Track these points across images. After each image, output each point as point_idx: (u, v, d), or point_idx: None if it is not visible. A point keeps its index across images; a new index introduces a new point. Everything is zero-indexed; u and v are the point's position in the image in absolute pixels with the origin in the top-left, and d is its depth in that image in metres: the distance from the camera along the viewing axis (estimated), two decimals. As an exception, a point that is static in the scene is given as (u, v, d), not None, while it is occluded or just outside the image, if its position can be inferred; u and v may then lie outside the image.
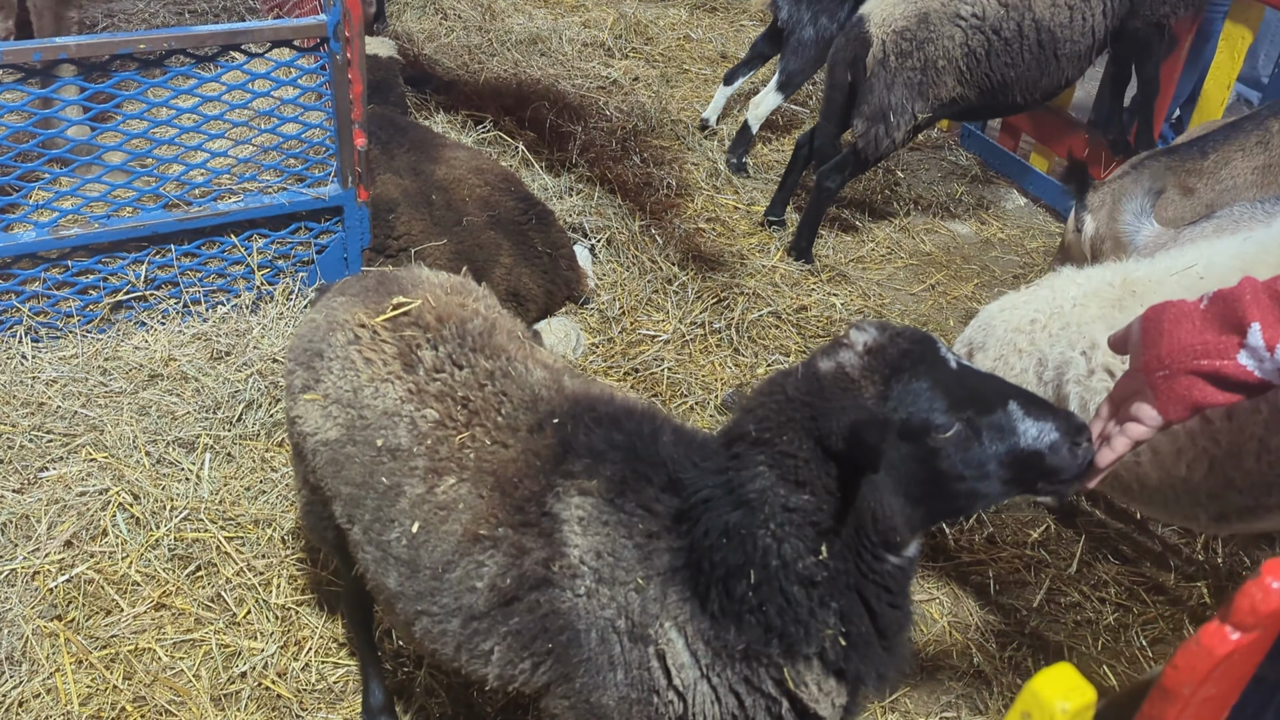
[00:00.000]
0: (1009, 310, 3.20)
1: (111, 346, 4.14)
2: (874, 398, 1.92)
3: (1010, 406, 1.96)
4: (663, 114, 7.05)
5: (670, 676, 2.07)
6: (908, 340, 1.98)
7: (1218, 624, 1.18)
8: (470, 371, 2.47)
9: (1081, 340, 2.90)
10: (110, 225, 4.04)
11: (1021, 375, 3.06)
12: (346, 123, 4.26)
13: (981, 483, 1.96)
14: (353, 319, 2.64)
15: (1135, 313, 2.82)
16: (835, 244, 6.01)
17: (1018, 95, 5.04)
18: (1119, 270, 3.04)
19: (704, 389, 4.72)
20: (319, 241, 4.51)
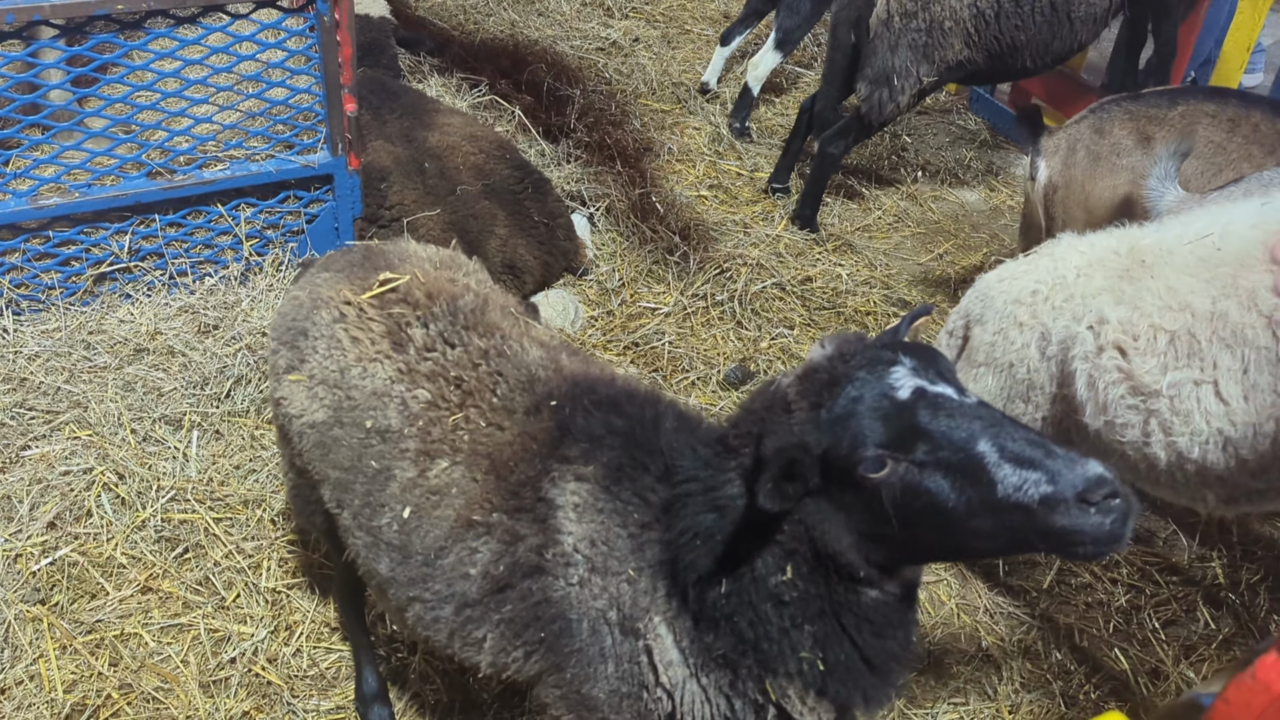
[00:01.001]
0: (1008, 280, 3.06)
1: (95, 320, 4.02)
2: (800, 423, 1.76)
3: (980, 448, 1.67)
4: (663, 76, 6.88)
5: (658, 673, 1.98)
6: (851, 362, 1.78)
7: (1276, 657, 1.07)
8: (463, 350, 2.36)
9: (1088, 314, 2.77)
10: (92, 194, 3.90)
11: (1023, 350, 2.93)
12: (336, 87, 4.10)
13: (959, 532, 1.72)
14: (338, 296, 2.52)
15: (1145, 284, 2.71)
16: (841, 212, 5.87)
17: (1028, 59, 4.86)
18: (1126, 237, 2.90)
19: (706, 364, 4.60)
20: (309, 211, 4.37)
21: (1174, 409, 2.58)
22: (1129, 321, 2.67)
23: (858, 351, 1.81)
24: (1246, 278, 2.54)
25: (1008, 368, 2.97)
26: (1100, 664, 3.44)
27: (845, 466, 1.71)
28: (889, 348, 1.82)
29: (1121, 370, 2.67)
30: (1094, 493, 1.62)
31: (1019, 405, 3.00)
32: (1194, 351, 2.56)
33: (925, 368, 1.78)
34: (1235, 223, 2.71)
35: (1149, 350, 2.62)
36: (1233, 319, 2.51)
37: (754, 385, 4.52)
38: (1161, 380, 2.58)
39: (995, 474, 1.66)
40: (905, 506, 1.71)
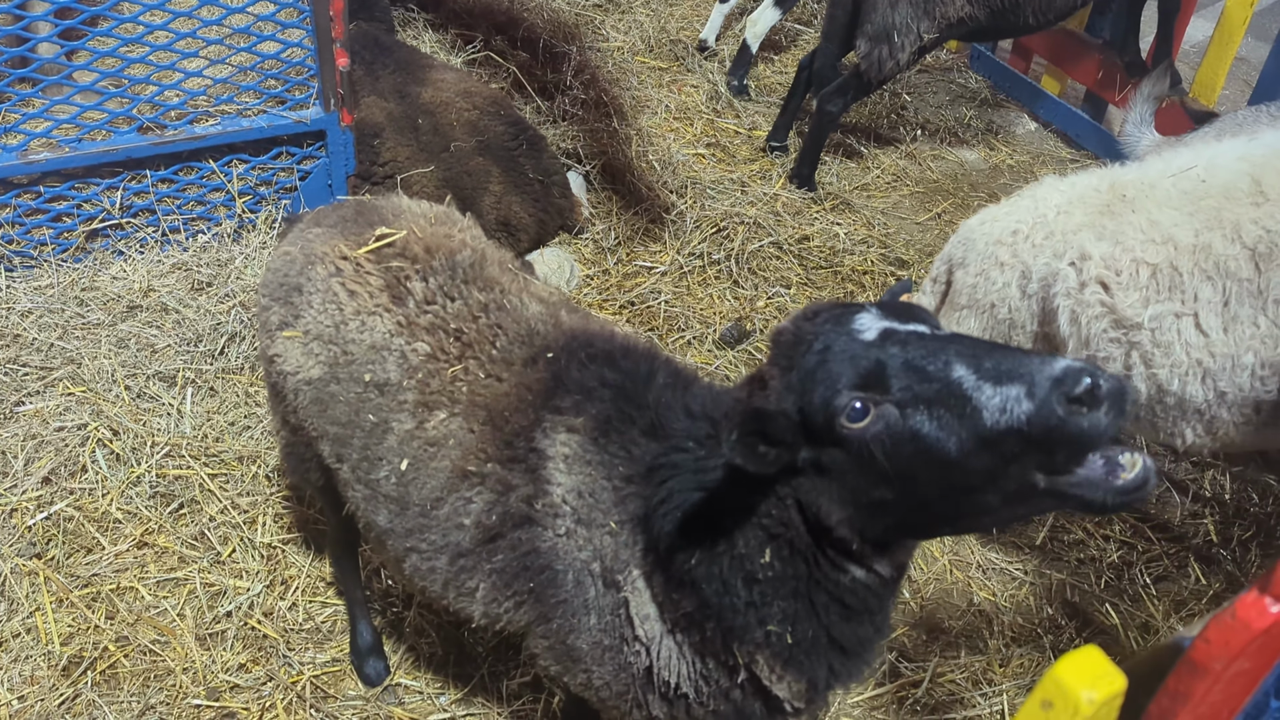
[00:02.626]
0: (989, 223, 3.08)
1: (88, 276, 4.00)
2: (775, 390, 1.70)
3: (956, 373, 1.54)
4: (661, 33, 6.80)
5: (634, 626, 1.99)
6: (811, 318, 1.71)
7: (1256, 595, 1.07)
8: (463, 303, 2.36)
9: (1070, 250, 2.79)
10: (82, 149, 3.86)
11: (1004, 290, 2.95)
12: (327, 41, 4.05)
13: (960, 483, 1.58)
14: (333, 251, 2.50)
15: (1126, 218, 2.72)
16: (839, 171, 5.83)
17: (1030, 15, 4.80)
18: (1106, 175, 2.92)
19: (702, 323, 4.59)
20: (302, 168, 4.33)
21: (1155, 341, 2.61)
22: (1111, 256, 2.69)
23: (821, 309, 1.74)
24: (1231, 210, 2.55)
25: (989, 308, 3.00)
26: (1091, 619, 3.46)
27: (825, 422, 1.61)
28: (853, 305, 1.74)
29: (1104, 304, 2.70)
30: (1074, 388, 1.46)
31: None
32: (1175, 284, 2.58)
33: (897, 314, 1.69)
34: (1221, 156, 2.73)
35: (1131, 284, 2.64)
36: (1216, 251, 2.53)
37: (750, 344, 4.51)
38: (1143, 313, 2.61)
39: (977, 398, 1.53)
40: (896, 455, 1.58)
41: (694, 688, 2.00)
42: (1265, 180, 2.50)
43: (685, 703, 2.03)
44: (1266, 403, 2.55)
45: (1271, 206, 2.47)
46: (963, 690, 3.18)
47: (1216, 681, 1.12)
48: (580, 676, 2.15)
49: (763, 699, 1.97)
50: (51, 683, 2.91)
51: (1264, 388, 2.52)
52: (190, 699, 2.92)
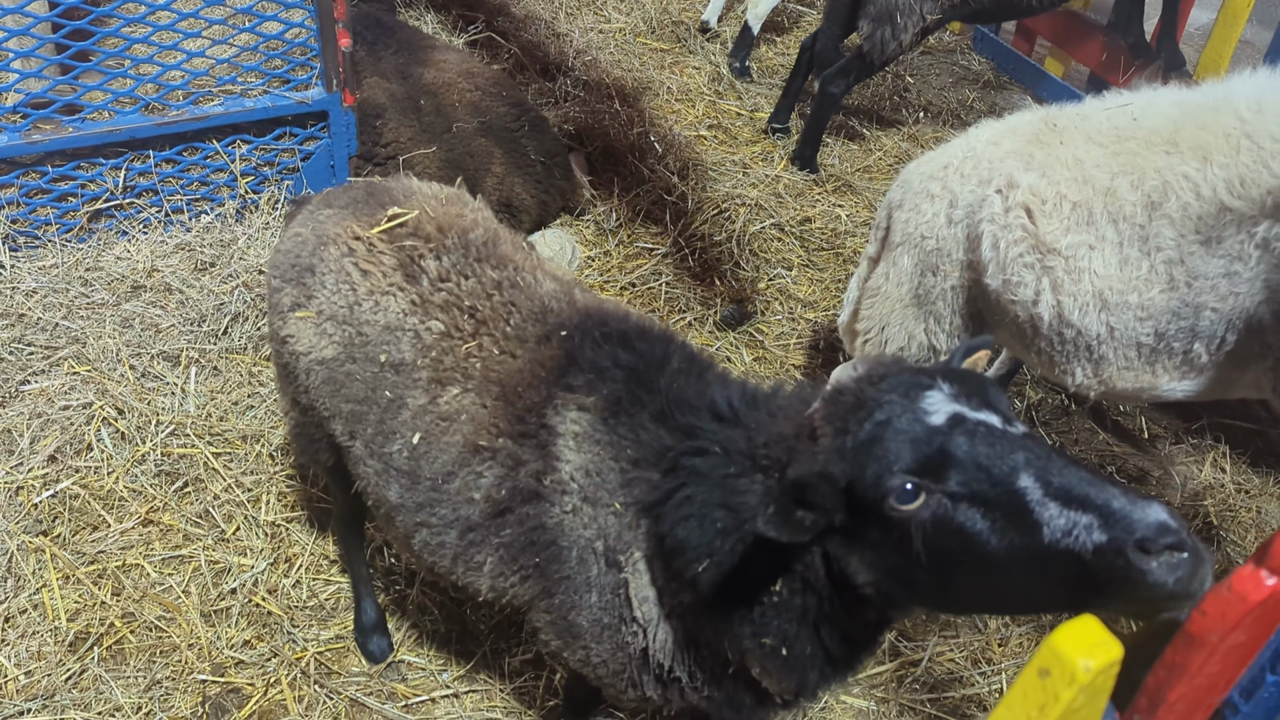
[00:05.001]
0: (925, 161, 3.19)
1: (93, 256, 4.01)
2: (825, 451, 1.65)
3: (1023, 481, 1.48)
4: (663, 15, 6.78)
5: (633, 607, 2.01)
6: (881, 385, 1.65)
7: (1252, 568, 1.09)
8: (477, 281, 2.36)
9: (996, 178, 2.86)
10: (85, 129, 3.87)
11: (933, 220, 3.04)
12: (329, 21, 4.05)
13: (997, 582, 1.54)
14: (345, 232, 2.51)
15: (1054, 151, 2.79)
16: (841, 153, 5.82)
17: (1035, -4, 4.80)
18: (1040, 112, 2.99)
19: (703, 304, 4.59)
20: (304, 148, 4.33)
21: (1068, 268, 2.69)
22: (1037, 187, 2.76)
23: (889, 374, 1.69)
24: (1145, 156, 2.61)
25: (919, 240, 3.07)
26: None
27: (873, 498, 1.57)
28: (928, 372, 1.67)
29: (1026, 230, 2.78)
30: (1166, 538, 1.39)
31: (930, 278, 3.11)
32: (1091, 220, 2.67)
33: (968, 394, 1.62)
34: (1161, 97, 2.77)
35: (1054, 214, 2.72)
36: (1120, 195, 2.61)
37: (751, 325, 4.52)
38: (1062, 240, 2.69)
39: (1040, 514, 1.47)
40: (937, 547, 1.55)
41: (687, 672, 2.04)
42: (1182, 131, 2.54)
43: (678, 685, 2.07)
44: (1144, 346, 2.65)
45: (1177, 159, 2.52)
46: (962, 669, 3.21)
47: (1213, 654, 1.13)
48: (579, 653, 2.17)
49: (753, 690, 2.01)
50: (59, 658, 2.94)
51: (1141, 329, 2.63)
52: (195, 674, 2.95)
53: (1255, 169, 2.38)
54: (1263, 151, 2.38)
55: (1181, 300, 2.53)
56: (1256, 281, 2.42)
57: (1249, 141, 2.40)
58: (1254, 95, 2.47)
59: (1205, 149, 2.47)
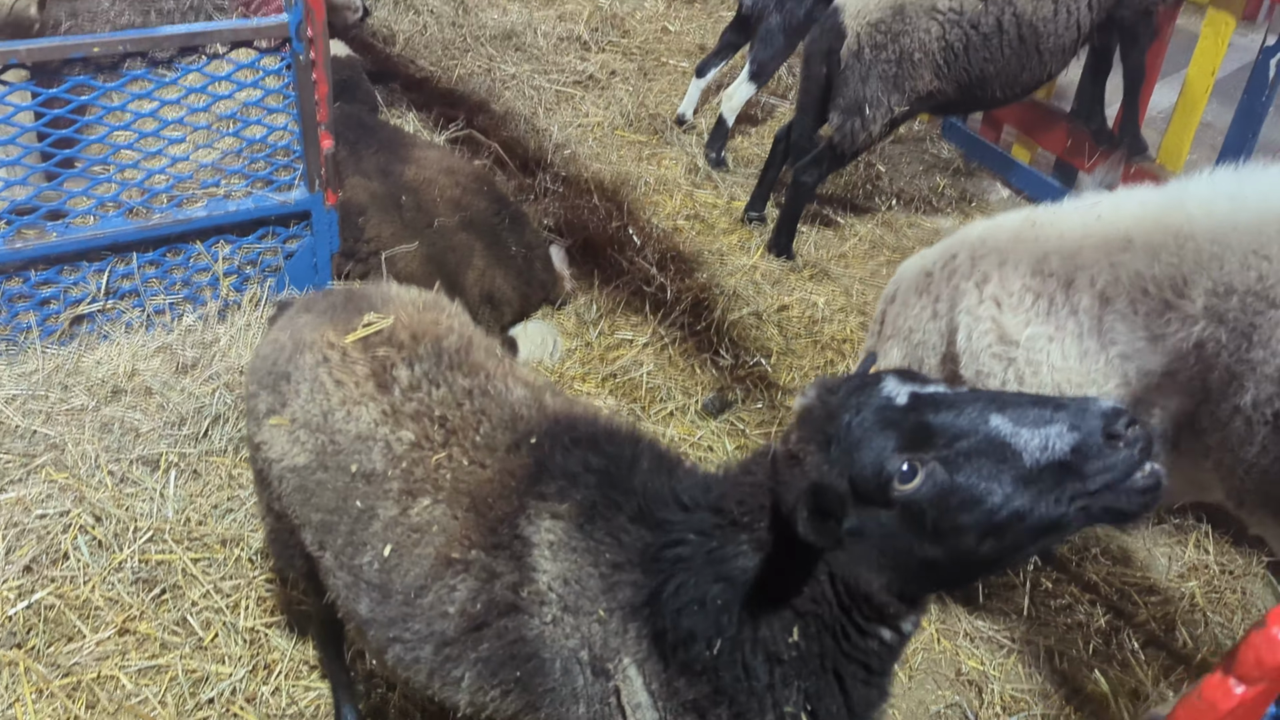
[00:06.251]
0: (918, 258, 3.30)
1: (73, 360, 4.01)
2: (816, 466, 1.74)
3: (993, 421, 1.65)
4: (640, 108, 6.95)
5: (625, 715, 1.98)
6: (834, 391, 1.78)
7: (1220, 676, 1.10)
8: (448, 390, 2.38)
9: (975, 273, 2.94)
10: (69, 235, 3.90)
11: (919, 314, 3.14)
12: (312, 125, 4.13)
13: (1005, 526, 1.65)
14: (321, 339, 2.53)
15: (1026, 246, 2.89)
16: (817, 240, 5.92)
17: (998, 90, 4.95)
18: (1026, 212, 3.10)
19: (684, 393, 4.62)
20: (287, 247, 4.38)
21: (1028, 359, 2.75)
22: (1007, 279, 2.85)
23: (841, 383, 1.82)
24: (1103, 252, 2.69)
25: (907, 334, 3.15)
26: (1080, 685, 3.45)
27: (877, 488, 1.67)
28: (867, 374, 1.83)
29: (994, 320, 2.85)
30: (1115, 424, 1.61)
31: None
32: (1051, 312, 2.74)
33: (908, 377, 1.80)
34: (1129, 198, 2.86)
35: (1019, 306, 2.78)
36: (1078, 289, 2.69)
37: (732, 414, 4.54)
38: (1023, 333, 2.75)
39: (1017, 443, 1.64)
40: (945, 512, 1.66)
41: None
42: (1137, 229, 2.62)
43: None
44: None
45: (1130, 255, 2.59)
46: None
47: (1190, 763, 1.14)
48: None
49: None
50: (30, 777, 2.86)
51: None
52: (172, 791, 2.88)
53: (1195, 270, 2.45)
54: (1203, 253, 2.45)
55: (1134, 396, 2.57)
56: (1195, 383, 2.47)
57: (1193, 242, 2.48)
58: (1206, 195, 2.55)
59: (1155, 247, 2.54)
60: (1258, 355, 2.37)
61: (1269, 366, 2.35)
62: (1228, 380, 2.43)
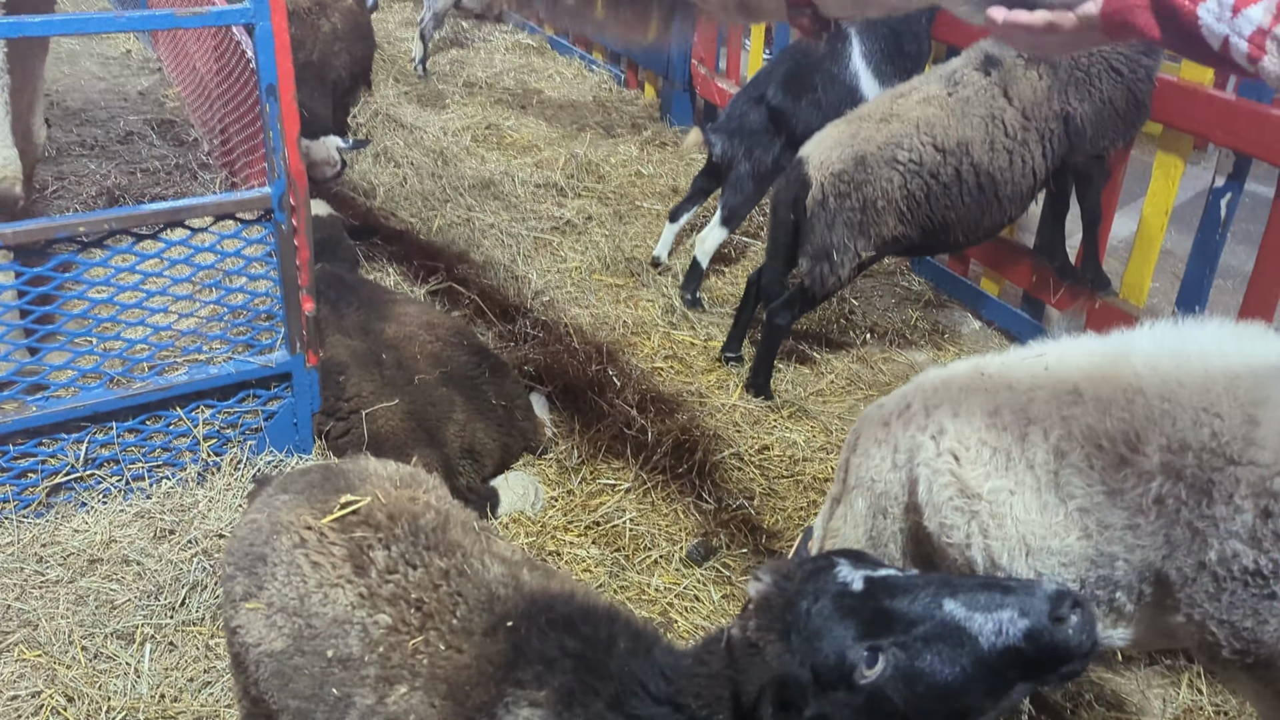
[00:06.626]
0: (875, 408, 3.31)
1: (49, 532, 3.98)
2: (777, 655, 1.78)
3: (947, 607, 1.74)
4: (616, 252, 7.11)
5: None
6: (795, 579, 1.83)
7: None
8: (424, 571, 2.39)
9: (931, 425, 2.97)
10: (49, 407, 3.93)
11: (880, 464, 3.15)
12: (294, 288, 4.22)
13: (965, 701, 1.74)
14: (298, 520, 2.54)
15: (980, 394, 2.91)
16: (794, 378, 6.00)
17: (960, 234, 5.11)
18: (974, 361, 3.14)
19: (668, 540, 4.61)
20: (267, 409, 4.42)
21: (992, 513, 2.75)
22: (963, 433, 2.86)
23: (795, 569, 1.87)
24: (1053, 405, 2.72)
25: (870, 484, 3.16)
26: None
27: (841, 676, 1.72)
28: (820, 557, 1.88)
29: (954, 474, 2.86)
30: (1060, 605, 1.73)
31: (881, 520, 3.18)
32: (1010, 466, 2.75)
33: (859, 560, 1.86)
34: (1075, 348, 2.92)
35: (977, 460, 2.81)
36: (1032, 442, 2.71)
37: (717, 560, 4.52)
38: (984, 485, 2.76)
39: (971, 628, 1.72)
40: (907, 694, 1.72)
41: None
42: (1085, 383, 2.67)
43: None
44: None
45: (1082, 409, 2.64)
46: None
47: None
48: None
49: None
50: None
51: (1065, 574, 2.66)
52: None
53: (1147, 426, 2.50)
54: (1153, 410, 2.51)
55: (1096, 549, 2.59)
56: (1158, 536, 2.50)
57: (1143, 398, 2.54)
58: (1151, 351, 2.62)
59: (1105, 401, 2.60)
60: (1220, 511, 2.40)
61: (1233, 523, 2.38)
62: (1191, 536, 2.46)
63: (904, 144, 4.99)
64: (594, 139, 8.96)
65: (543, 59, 11.17)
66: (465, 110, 9.47)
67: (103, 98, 8.43)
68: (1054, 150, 4.99)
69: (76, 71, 8.92)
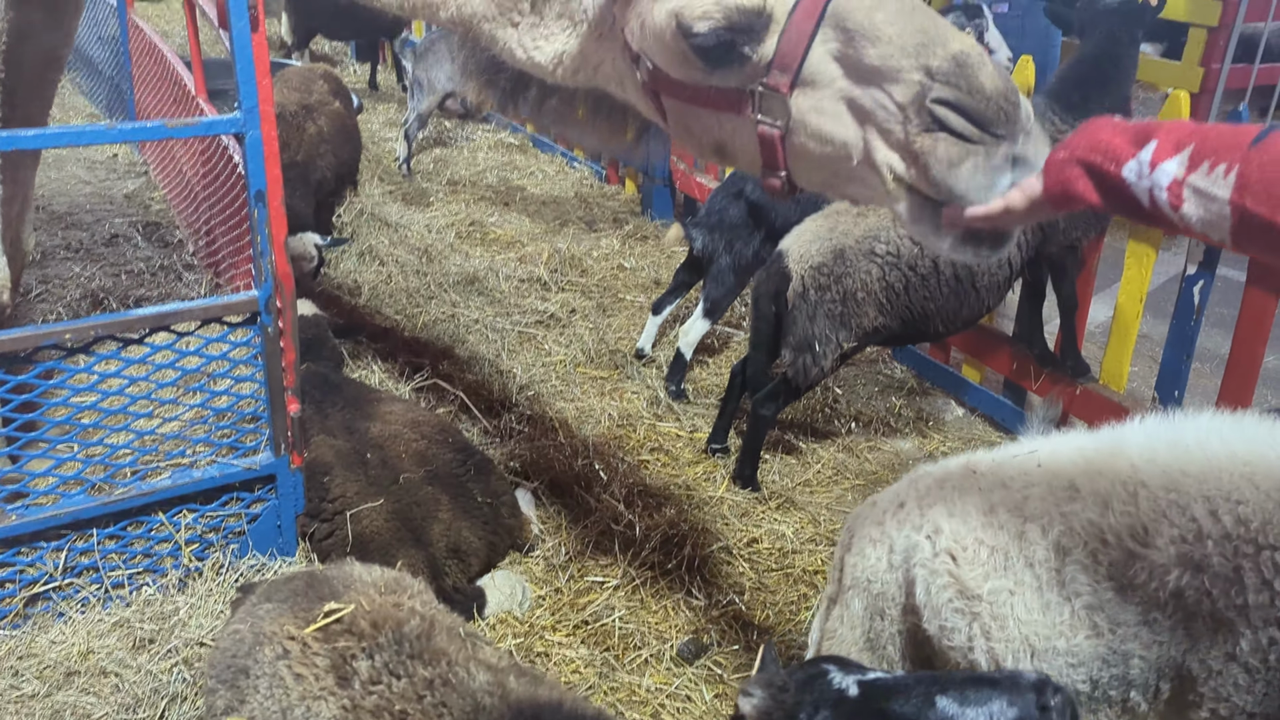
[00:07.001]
0: (868, 506, 3.29)
1: (25, 644, 3.89)
2: None
3: (941, 704, 1.83)
4: (600, 344, 7.16)
5: None
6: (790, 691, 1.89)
7: None
8: (408, 681, 2.36)
9: (926, 524, 2.94)
10: (29, 515, 3.88)
11: (875, 564, 3.11)
12: (279, 390, 4.22)
13: None
14: (281, 631, 2.51)
15: (974, 493, 2.90)
16: (780, 468, 6.00)
17: (940, 324, 5.19)
18: (966, 458, 3.15)
19: (658, 638, 4.54)
20: (250, 511, 4.37)
21: (993, 614, 2.70)
22: (959, 533, 2.84)
23: (787, 680, 1.92)
24: (1050, 501, 2.71)
25: (866, 584, 3.11)
26: None
27: None
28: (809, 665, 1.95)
29: (952, 575, 2.82)
30: (1044, 696, 1.82)
31: (879, 622, 3.12)
32: (1009, 565, 2.72)
33: (846, 665, 1.94)
34: (1065, 443, 2.93)
35: (974, 560, 2.78)
36: (1031, 539, 2.69)
37: (709, 658, 4.46)
38: (984, 586, 2.72)
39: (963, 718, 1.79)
40: None
41: None
42: (1083, 478, 2.67)
43: None
44: (1080, 694, 2.63)
45: (1079, 504, 2.63)
46: None
47: None
48: None
49: None
50: None
51: (1075, 675, 2.61)
52: None
53: (1155, 519, 2.49)
54: (1159, 501, 2.50)
55: (1109, 647, 2.55)
56: (1178, 630, 2.47)
57: (1146, 490, 2.54)
58: (1145, 444, 2.63)
59: (1104, 495, 2.60)
60: (1253, 599, 2.36)
61: (1269, 610, 2.34)
62: (1215, 627, 2.42)
63: (881, 237, 5.10)
64: (577, 234, 9.10)
65: (525, 156, 11.40)
66: (449, 208, 9.62)
67: (89, 201, 8.52)
68: (1028, 241, 5.10)
69: (63, 176, 9.02)
